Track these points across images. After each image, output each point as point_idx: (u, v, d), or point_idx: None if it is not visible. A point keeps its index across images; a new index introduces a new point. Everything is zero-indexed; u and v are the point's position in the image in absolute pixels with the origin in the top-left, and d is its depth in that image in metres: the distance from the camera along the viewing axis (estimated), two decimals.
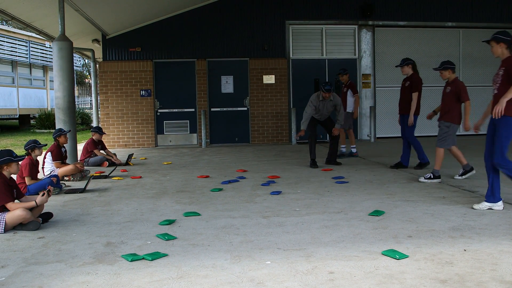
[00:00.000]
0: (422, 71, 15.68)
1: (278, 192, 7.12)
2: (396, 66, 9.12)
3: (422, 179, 7.90)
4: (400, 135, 9.59)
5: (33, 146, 7.25)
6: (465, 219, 5.36)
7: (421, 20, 15.80)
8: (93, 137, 10.87)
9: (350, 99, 11.07)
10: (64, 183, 8.21)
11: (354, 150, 11.32)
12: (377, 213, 5.67)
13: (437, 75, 15.81)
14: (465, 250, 4.28)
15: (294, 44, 15.51)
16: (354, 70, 15.66)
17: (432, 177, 7.85)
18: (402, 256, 4.10)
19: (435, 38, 16.07)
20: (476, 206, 5.84)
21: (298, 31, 15.53)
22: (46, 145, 8.25)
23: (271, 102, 15.03)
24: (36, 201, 5.42)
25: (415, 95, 8.95)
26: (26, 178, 7.21)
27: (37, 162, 7.52)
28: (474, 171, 8.11)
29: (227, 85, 15.14)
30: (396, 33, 15.92)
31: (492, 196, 5.79)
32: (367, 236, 4.79)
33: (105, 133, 11.51)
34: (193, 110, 15.06)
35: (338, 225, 5.22)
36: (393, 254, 4.14)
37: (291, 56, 15.41)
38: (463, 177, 8.05)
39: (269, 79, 15.06)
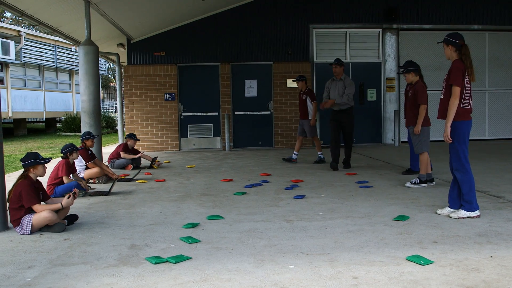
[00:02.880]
0: None
1: (302, 196, 7.10)
2: (399, 73, 8.83)
3: (408, 184, 7.87)
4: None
5: (72, 150, 7.43)
6: (491, 224, 5.28)
7: (446, 23, 15.61)
8: (128, 142, 11.08)
9: (310, 106, 11.06)
10: (89, 186, 8.30)
11: (322, 157, 11.17)
12: (401, 218, 5.62)
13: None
14: (491, 256, 4.22)
15: (318, 48, 15.48)
16: (378, 74, 15.57)
17: (418, 182, 7.85)
18: (427, 262, 4.06)
19: None
20: (452, 215, 5.66)
21: (322, 35, 15.50)
22: (82, 148, 8.44)
23: (295, 106, 14.98)
24: (62, 203, 5.49)
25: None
26: (64, 177, 7.34)
27: (73, 164, 7.64)
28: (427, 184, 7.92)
29: (251, 89, 15.17)
30: (421, 37, 15.77)
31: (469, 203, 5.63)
32: (392, 241, 4.75)
33: (138, 140, 11.69)
34: (216, 113, 15.11)
35: (362, 230, 5.18)
36: (418, 259, 4.10)
37: (314, 60, 15.38)
38: (416, 185, 7.86)
39: (292, 83, 15.04)
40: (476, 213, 5.58)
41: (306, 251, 4.49)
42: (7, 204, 5.54)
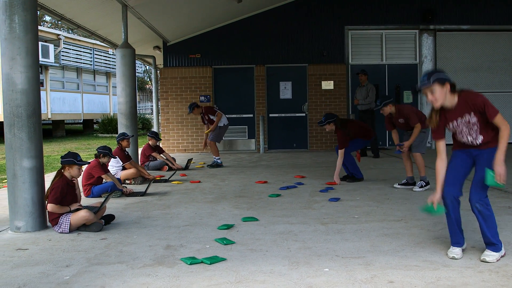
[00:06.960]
0: (486, 76, 15.27)
1: (337, 199, 7.06)
2: (319, 125, 8.85)
3: (416, 189, 7.80)
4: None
5: (106, 153, 7.55)
6: None
7: (485, 23, 15.28)
8: (149, 142, 11.10)
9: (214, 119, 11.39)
10: (125, 186, 8.41)
11: (219, 161, 11.40)
12: (427, 210, 5.03)
13: (501, 80, 15.21)
14: None
15: (353, 50, 15.35)
16: (415, 76, 15.34)
17: (424, 185, 7.83)
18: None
19: (500, 42, 15.52)
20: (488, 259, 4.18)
21: (358, 36, 15.36)
22: (116, 157, 8.57)
23: (330, 108, 14.90)
24: (71, 207, 5.57)
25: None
26: (103, 176, 7.53)
27: (104, 165, 7.76)
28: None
29: (286, 91, 15.14)
30: (458, 38, 15.47)
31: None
32: (429, 245, 4.67)
33: (160, 140, 11.77)
34: (251, 115, 15.13)
35: (398, 234, 5.12)
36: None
37: (350, 61, 15.26)
38: (403, 186, 7.95)
39: (328, 84, 14.96)
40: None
41: (341, 254, 4.45)
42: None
